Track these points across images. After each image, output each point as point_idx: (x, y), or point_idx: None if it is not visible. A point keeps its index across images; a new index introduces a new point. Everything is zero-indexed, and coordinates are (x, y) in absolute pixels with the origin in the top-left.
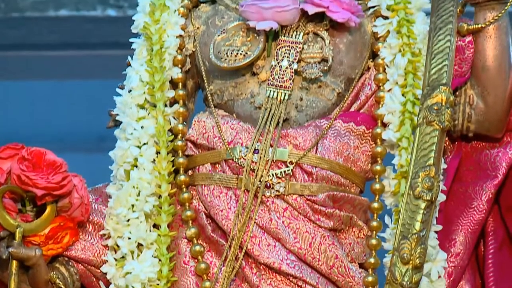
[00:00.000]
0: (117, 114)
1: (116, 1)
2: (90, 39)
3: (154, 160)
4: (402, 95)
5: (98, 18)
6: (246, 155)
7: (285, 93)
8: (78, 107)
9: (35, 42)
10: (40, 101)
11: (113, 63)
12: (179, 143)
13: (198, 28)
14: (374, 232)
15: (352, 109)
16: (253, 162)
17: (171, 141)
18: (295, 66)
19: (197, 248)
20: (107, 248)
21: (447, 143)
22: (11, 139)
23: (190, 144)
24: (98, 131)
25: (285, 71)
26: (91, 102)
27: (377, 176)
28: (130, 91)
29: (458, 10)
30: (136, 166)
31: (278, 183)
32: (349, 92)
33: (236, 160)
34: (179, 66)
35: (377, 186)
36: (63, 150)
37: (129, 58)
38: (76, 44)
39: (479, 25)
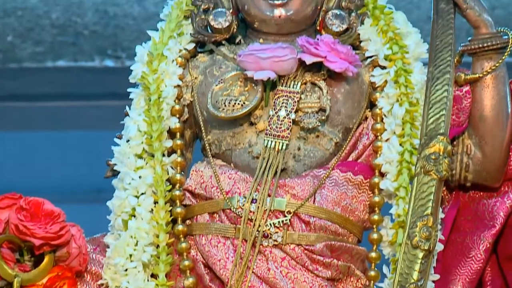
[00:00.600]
0: (115, 164)
1: (114, 51)
2: (88, 90)
3: (152, 210)
4: (400, 144)
5: (96, 68)
6: (244, 204)
7: (283, 143)
8: (76, 158)
9: (32, 92)
10: (37, 152)
11: (111, 114)
12: (177, 193)
13: (196, 78)
14: (372, 282)
15: (350, 159)
16: (251, 211)
17: (169, 190)
18: (292, 116)
19: None
20: None
21: (445, 192)
22: (9, 190)
23: (188, 194)
24: (96, 182)
25: (283, 121)
26: (89, 153)
27: (374, 226)
28: (128, 141)
29: (455, 60)
30: (134, 216)
31: (276, 232)
32: (347, 141)
33: (234, 210)
34: (177, 116)
35: (375, 235)
36: (61, 201)
37: (127, 108)
38: (74, 95)
39: (477, 75)
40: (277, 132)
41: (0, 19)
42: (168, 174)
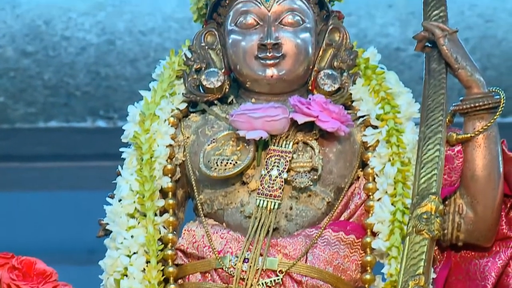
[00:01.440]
0: (107, 223)
1: (106, 112)
2: (80, 150)
3: (144, 269)
4: (392, 204)
5: (88, 129)
6: (236, 264)
7: (275, 202)
8: (68, 218)
9: (25, 153)
10: (29, 212)
11: (103, 174)
12: (169, 252)
13: (188, 137)
14: None
15: (342, 218)
16: (243, 271)
17: (161, 250)
18: (285, 175)
19: None
20: None
21: (437, 252)
22: (1, 250)
23: (180, 253)
24: (88, 242)
25: (275, 180)
26: (81, 213)
27: (367, 285)
28: (120, 200)
29: (447, 119)
30: (126, 275)
31: None
32: (339, 201)
33: (226, 269)
34: (169, 175)
35: None
36: (53, 262)
37: (119, 167)
38: (65, 156)
39: (468, 135)
40: (269, 191)
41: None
42: (160, 233)
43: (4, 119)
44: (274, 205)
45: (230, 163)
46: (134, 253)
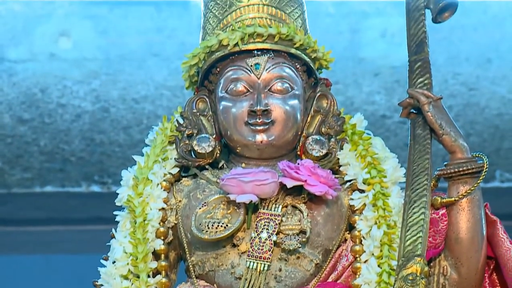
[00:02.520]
0: (102, 285)
1: (100, 177)
2: (75, 215)
3: None
4: (378, 266)
5: (82, 194)
6: None
7: (264, 264)
8: (64, 281)
9: (21, 217)
10: (25, 275)
11: (98, 238)
12: None
13: (180, 201)
14: None
15: (330, 280)
16: None
17: None
18: (274, 237)
19: None
20: None
21: None
22: None
23: None
24: None
25: (265, 242)
26: (76, 276)
27: None
28: (114, 262)
29: (432, 184)
30: None
31: None
32: (327, 263)
33: None
34: (162, 238)
35: None
36: None
37: (113, 230)
38: (61, 220)
39: (453, 199)
40: (259, 253)
41: None
42: None
43: (1, 184)
44: (264, 266)
45: (221, 225)
46: None
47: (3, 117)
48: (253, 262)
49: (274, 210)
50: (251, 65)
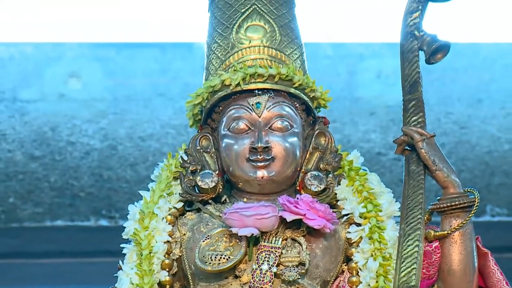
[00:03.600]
0: None
1: (108, 212)
2: (84, 248)
3: None
4: None
5: (91, 228)
6: None
7: None
8: None
9: (32, 250)
10: None
11: (106, 269)
12: None
13: (184, 234)
14: None
15: None
16: None
17: None
18: (274, 269)
19: None
20: None
21: None
22: None
23: None
24: None
25: (265, 274)
26: None
27: None
28: None
29: (425, 218)
30: None
31: None
32: None
33: None
34: (167, 269)
35: None
36: None
37: (120, 262)
38: (71, 252)
39: (445, 232)
40: (259, 284)
41: (2, 182)
42: None
43: (13, 218)
44: None
45: (224, 257)
46: None
47: (15, 154)
48: None
49: (275, 243)
50: (252, 104)
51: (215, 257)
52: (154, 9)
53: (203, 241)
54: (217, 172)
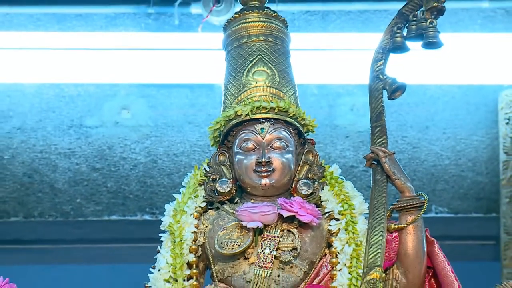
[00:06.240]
0: (150, 286)
1: (150, 209)
2: (132, 236)
3: None
4: (349, 273)
5: (138, 221)
6: None
7: (267, 272)
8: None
9: (93, 238)
10: (97, 281)
11: (148, 253)
12: None
13: (207, 226)
14: None
15: (314, 283)
16: None
17: None
18: (274, 253)
19: None
20: None
21: None
22: None
23: None
24: None
25: (267, 256)
26: (133, 279)
27: None
28: (159, 270)
29: (387, 214)
30: None
31: None
32: (312, 271)
33: None
34: (194, 253)
35: None
36: None
37: (159, 247)
38: (122, 239)
39: (402, 225)
40: (263, 264)
41: (71, 187)
42: None
43: (79, 214)
44: (267, 273)
45: (236, 244)
46: None
47: (81, 166)
48: (259, 270)
49: (274, 233)
50: (258, 129)
51: (230, 244)
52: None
53: (221, 231)
54: (231, 180)
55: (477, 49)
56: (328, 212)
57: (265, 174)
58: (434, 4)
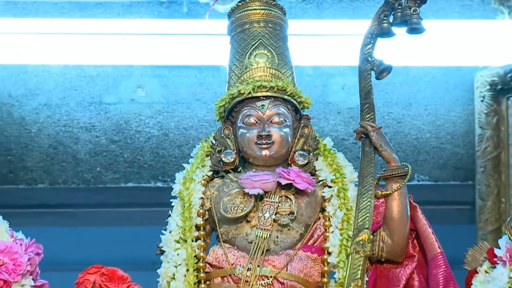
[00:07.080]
0: (162, 246)
1: (163, 177)
2: (147, 201)
3: (185, 275)
4: (340, 235)
5: (151, 188)
6: (242, 272)
7: (267, 233)
8: (139, 241)
9: (112, 202)
10: (114, 241)
11: (161, 216)
12: (201, 264)
13: (213, 193)
14: None
15: (309, 243)
16: (247, 276)
17: (196, 263)
18: (273, 216)
19: None
20: None
21: (368, 265)
22: (88, 264)
23: (207, 265)
24: (151, 257)
25: (267, 219)
26: (146, 239)
27: (325, 286)
28: (170, 232)
29: (375, 182)
30: (174, 279)
31: None
32: (307, 233)
33: (237, 275)
34: (201, 216)
35: None
36: (128, 270)
37: (170, 211)
38: (138, 204)
39: (388, 192)
40: (263, 226)
41: (92, 157)
42: (195, 252)
43: (99, 181)
44: (267, 235)
45: (239, 209)
46: (179, 264)
47: (101, 139)
48: (260, 232)
49: (273, 199)
50: (259, 106)
51: (234, 208)
52: (194, 43)
53: (226, 197)
54: (235, 151)
55: (456, 34)
56: (322, 180)
57: (265, 146)
58: None
